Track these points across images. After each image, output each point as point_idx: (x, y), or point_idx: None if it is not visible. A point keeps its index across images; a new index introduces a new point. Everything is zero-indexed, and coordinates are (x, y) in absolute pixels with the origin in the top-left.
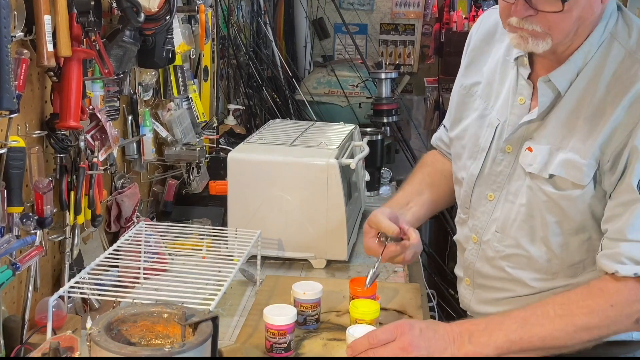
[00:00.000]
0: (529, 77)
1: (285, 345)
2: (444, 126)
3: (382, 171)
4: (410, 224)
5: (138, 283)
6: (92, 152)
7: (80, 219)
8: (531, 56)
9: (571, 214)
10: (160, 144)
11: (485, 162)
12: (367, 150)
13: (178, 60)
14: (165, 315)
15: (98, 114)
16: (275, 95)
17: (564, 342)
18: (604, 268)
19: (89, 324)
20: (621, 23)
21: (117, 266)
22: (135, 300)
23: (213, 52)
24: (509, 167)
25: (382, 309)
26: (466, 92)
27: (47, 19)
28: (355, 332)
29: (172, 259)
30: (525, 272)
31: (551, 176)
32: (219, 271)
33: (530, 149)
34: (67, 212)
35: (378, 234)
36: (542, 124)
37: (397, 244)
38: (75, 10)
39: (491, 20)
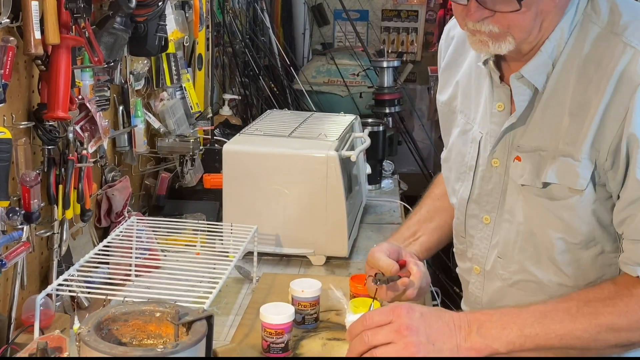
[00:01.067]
0: (502, 80)
1: (283, 345)
2: None
3: (384, 164)
4: (418, 255)
5: (129, 280)
6: (82, 143)
7: (69, 214)
8: (501, 57)
9: (575, 225)
10: (152, 135)
11: (474, 182)
12: (368, 142)
13: (171, 48)
14: (158, 314)
15: (88, 104)
16: (273, 85)
17: (586, 343)
18: (629, 273)
19: (77, 323)
20: (594, 1)
21: (107, 263)
22: (126, 299)
23: (207, 39)
24: (500, 183)
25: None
26: (447, 108)
27: (34, 5)
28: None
29: (165, 256)
30: (538, 297)
31: (545, 185)
32: (214, 268)
33: (518, 159)
34: (56, 207)
35: (376, 274)
36: (526, 129)
37: (395, 283)
38: None
39: (458, 29)
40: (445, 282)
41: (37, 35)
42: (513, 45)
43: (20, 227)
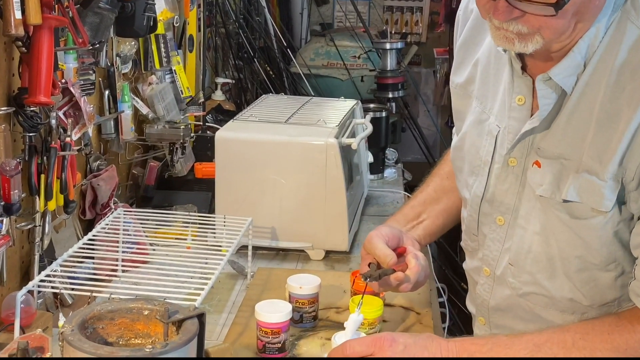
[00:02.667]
0: (525, 71)
1: (279, 345)
2: None
3: (386, 152)
4: (420, 240)
5: (116, 276)
6: (65, 130)
7: (52, 205)
8: None
9: (595, 246)
10: (140, 121)
11: (489, 179)
12: (370, 128)
13: (160, 29)
14: (146, 312)
15: (71, 89)
16: (268, 68)
17: None
18: (635, 301)
19: (61, 321)
20: None
21: (92, 257)
22: (112, 296)
23: (199, 19)
24: (517, 184)
25: (386, 305)
26: (463, 92)
27: None
28: (341, 339)
29: (154, 250)
30: (548, 311)
31: (565, 201)
32: (206, 263)
33: (538, 164)
34: (37, 198)
35: (369, 264)
36: (549, 132)
37: (388, 277)
38: None
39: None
40: (452, 278)
41: (18, 15)
42: (540, 44)
43: None
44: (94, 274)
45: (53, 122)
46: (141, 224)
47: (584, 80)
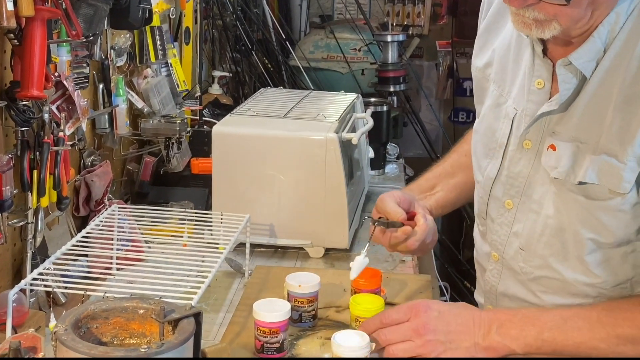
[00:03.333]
0: (545, 55)
1: (278, 345)
2: None
3: (388, 147)
4: (431, 210)
5: (110, 274)
6: (58, 125)
7: (45, 202)
8: None
9: (612, 228)
10: (135, 116)
11: (503, 162)
12: (371, 123)
13: (156, 21)
14: (141, 311)
15: (65, 82)
16: (267, 61)
17: (603, 353)
18: None
19: (53, 321)
20: None
21: (86, 255)
22: (107, 294)
23: (196, 11)
24: (529, 167)
25: (388, 304)
26: (481, 75)
27: None
28: (342, 339)
29: (149, 247)
30: (559, 297)
31: (581, 183)
32: (202, 261)
33: (553, 147)
34: (30, 194)
35: (379, 217)
36: (566, 115)
37: (396, 229)
38: None
39: None
40: (455, 276)
41: (10, 6)
42: (558, 31)
43: None
44: (88, 272)
45: (46, 116)
46: (136, 220)
47: (604, 65)
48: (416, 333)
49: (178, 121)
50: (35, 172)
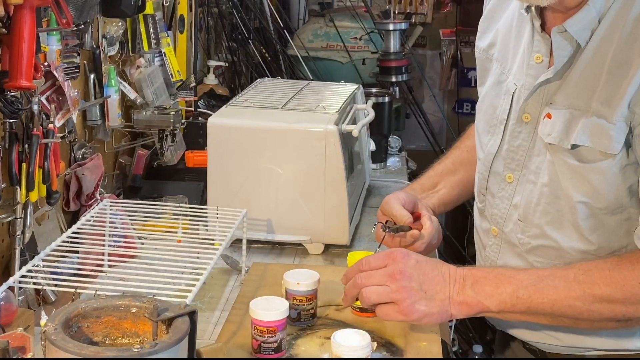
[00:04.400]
0: (544, 30)
1: (276, 345)
2: None
3: (389, 139)
4: (434, 209)
5: (102, 271)
6: (48, 116)
7: (34, 196)
8: (544, 7)
9: (603, 191)
10: (128, 107)
11: (504, 137)
12: (372, 114)
13: (149, 9)
14: (134, 310)
15: (54, 72)
16: (264, 50)
17: (579, 312)
18: (638, 244)
19: (43, 319)
20: None
21: (77, 252)
22: (98, 292)
23: None
24: (528, 141)
25: None
26: (485, 56)
27: None
28: (342, 338)
29: (142, 243)
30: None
31: (574, 146)
32: (197, 258)
33: (549, 115)
34: (18, 188)
35: (387, 222)
36: (562, 85)
37: (404, 234)
38: None
39: None
40: None
41: None
42: None
43: None
44: (79, 269)
45: (35, 107)
46: (129, 216)
47: (598, 34)
48: (392, 278)
49: (172, 112)
50: (24, 165)
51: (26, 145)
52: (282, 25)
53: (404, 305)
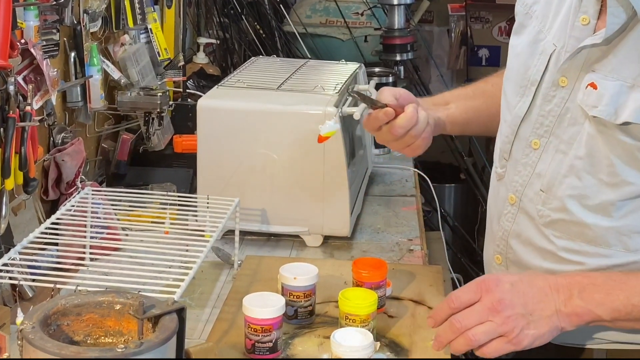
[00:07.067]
0: None
1: (271, 344)
2: None
3: None
4: (438, 122)
5: (83, 265)
6: (25, 98)
7: (9, 184)
8: None
9: None
10: (111, 88)
11: (534, 99)
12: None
13: None
14: (118, 307)
15: (32, 50)
16: (258, 26)
17: None
18: None
19: (20, 317)
20: None
21: (56, 244)
22: (79, 288)
23: None
24: (561, 107)
25: (393, 298)
26: (526, 10)
27: None
28: (342, 338)
29: (127, 235)
30: (574, 243)
31: (626, 123)
32: (186, 250)
33: (593, 86)
34: None
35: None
36: (608, 52)
37: (377, 110)
38: None
39: None
40: (468, 266)
41: None
42: None
43: None
44: (58, 262)
45: (11, 88)
46: (112, 205)
47: None
48: (493, 311)
49: (159, 94)
50: None
51: (1, 129)
52: None
53: (513, 336)
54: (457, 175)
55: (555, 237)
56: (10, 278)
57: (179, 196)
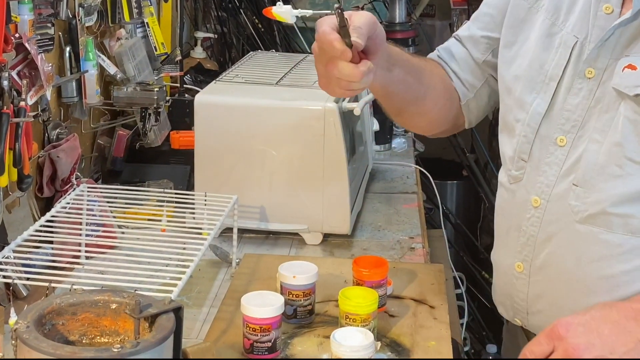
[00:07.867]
0: None
1: (270, 344)
2: (456, 38)
3: None
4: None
5: (78, 264)
6: (19, 93)
7: (4, 181)
8: None
9: None
10: (107, 83)
11: (556, 94)
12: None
13: None
14: (114, 306)
15: (26, 44)
16: (257, 20)
17: None
18: None
19: (14, 317)
20: None
21: (51, 242)
22: (74, 286)
23: None
24: (590, 98)
25: (394, 297)
26: (530, 5)
27: None
28: (342, 337)
29: (123, 233)
30: (616, 235)
31: None
32: (184, 248)
33: (632, 67)
34: None
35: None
36: (639, 34)
37: (341, 42)
38: None
39: None
40: (471, 265)
41: None
42: None
43: None
44: (53, 261)
45: (5, 83)
46: (108, 202)
47: None
48: (572, 358)
49: (156, 89)
50: None
51: None
52: None
53: None
54: (459, 171)
55: (595, 232)
56: (4, 277)
57: (176, 193)
